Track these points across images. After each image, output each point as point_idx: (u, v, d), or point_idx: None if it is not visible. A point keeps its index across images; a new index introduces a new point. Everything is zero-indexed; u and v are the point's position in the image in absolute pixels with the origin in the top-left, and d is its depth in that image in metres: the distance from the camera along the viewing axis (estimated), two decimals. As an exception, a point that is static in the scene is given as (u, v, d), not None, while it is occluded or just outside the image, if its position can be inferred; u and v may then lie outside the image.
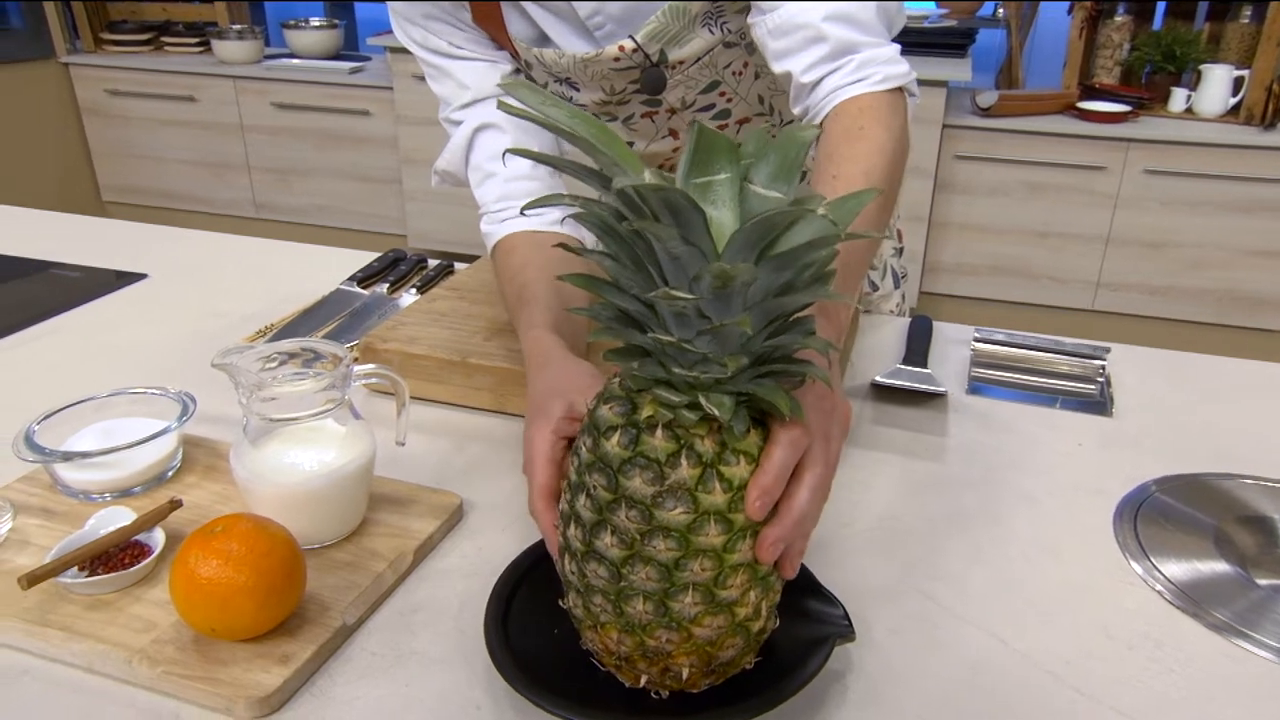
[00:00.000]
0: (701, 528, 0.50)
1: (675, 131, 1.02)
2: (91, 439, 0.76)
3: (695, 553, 0.50)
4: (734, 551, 0.51)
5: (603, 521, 0.51)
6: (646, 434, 0.50)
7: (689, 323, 0.47)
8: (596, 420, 0.52)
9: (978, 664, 0.61)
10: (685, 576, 0.50)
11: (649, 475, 0.50)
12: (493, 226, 0.94)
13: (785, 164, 0.49)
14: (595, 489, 0.51)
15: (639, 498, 0.50)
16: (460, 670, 0.60)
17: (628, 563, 0.51)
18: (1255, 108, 2.62)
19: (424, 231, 3.48)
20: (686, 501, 0.49)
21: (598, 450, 0.51)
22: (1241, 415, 0.92)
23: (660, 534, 0.50)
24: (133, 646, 0.59)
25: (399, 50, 3.21)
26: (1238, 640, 0.64)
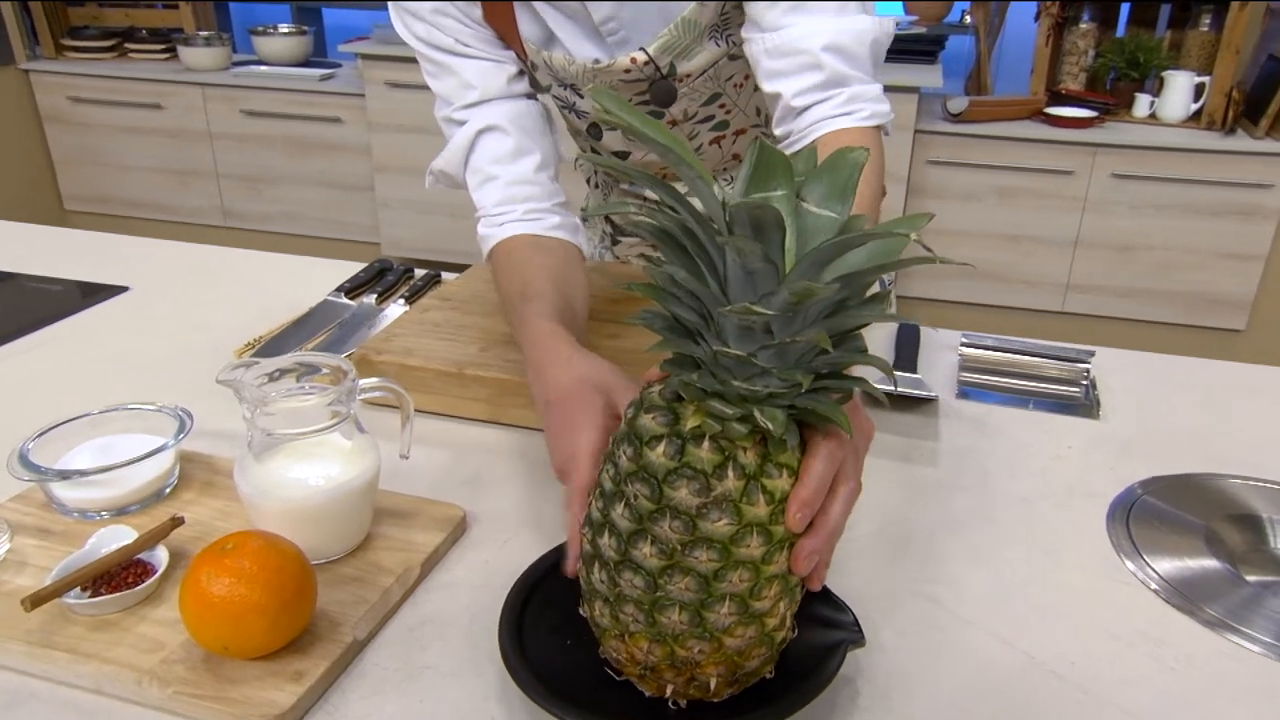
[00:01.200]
0: (744, 539, 0.50)
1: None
2: (88, 456, 0.75)
3: (735, 564, 0.51)
4: (771, 563, 0.51)
5: (642, 531, 0.51)
6: (692, 445, 0.50)
7: (753, 337, 0.48)
8: (639, 430, 0.52)
9: (984, 666, 0.62)
10: (723, 588, 0.51)
11: (695, 486, 0.50)
12: (491, 229, 0.93)
13: (838, 184, 0.49)
14: (637, 498, 0.51)
15: (684, 508, 0.50)
16: (474, 683, 0.60)
17: (665, 573, 0.51)
18: (1216, 113, 2.68)
19: (398, 239, 3.46)
20: (731, 513, 0.50)
21: (640, 460, 0.52)
22: (1225, 416, 0.94)
23: (703, 545, 0.50)
24: (142, 667, 0.58)
25: (371, 57, 3.20)
26: (1231, 636, 0.65)
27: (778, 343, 0.48)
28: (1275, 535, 0.76)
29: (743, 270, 0.47)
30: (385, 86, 3.23)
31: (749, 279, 0.47)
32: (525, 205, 0.93)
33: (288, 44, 3.66)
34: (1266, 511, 0.78)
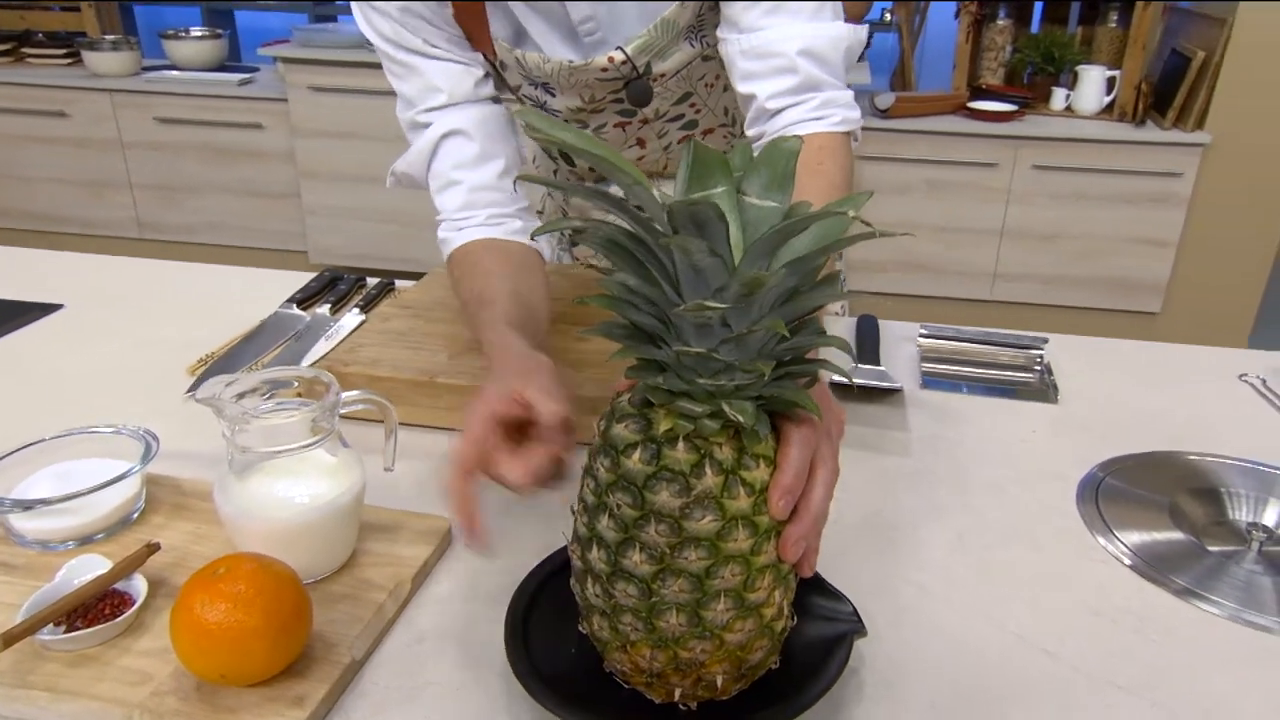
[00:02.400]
0: (730, 534, 0.50)
1: (643, 141, 1.03)
2: (46, 484, 0.71)
3: (725, 559, 0.51)
4: (760, 554, 0.52)
5: (630, 539, 0.51)
6: (667, 447, 0.50)
7: (712, 333, 0.48)
8: (613, 439, 0.52)
9: (978, 649, 0.64)
10: (716, 584, 0.51)
11: (675, 488, 0.50)
12: (451, 234, 0.93)
13: (776, 175, 0.50)
14: (620, 508, 0.51)
15: (667, 511, 0.50)
16: (478, 696, 0.59)
17: (658, 577, 0.51)
18: (1127, 106, 2.80)
19: (326, 247, 3.38)
20: (714, 510, 0.50)
21: (619, 469, 0.51)
22: (1174, 396, 0.98)
23: (691, 544, 0.50)
24: (130, 701, 0.56)
25: (293, 60, 3.12)
26: (1201, 605, 0.68)
27: (736, 335, 0.48)
28: (1234, 507, 0.79)
29: (692, 269, 0.46)
30: (309, 91, 3.16)
31: (699, 277, 0.47)
32: (488, 211, 0.92)
33: (201, 48, 3.54)
34: (1223, 485, 0.81)
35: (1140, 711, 0.59)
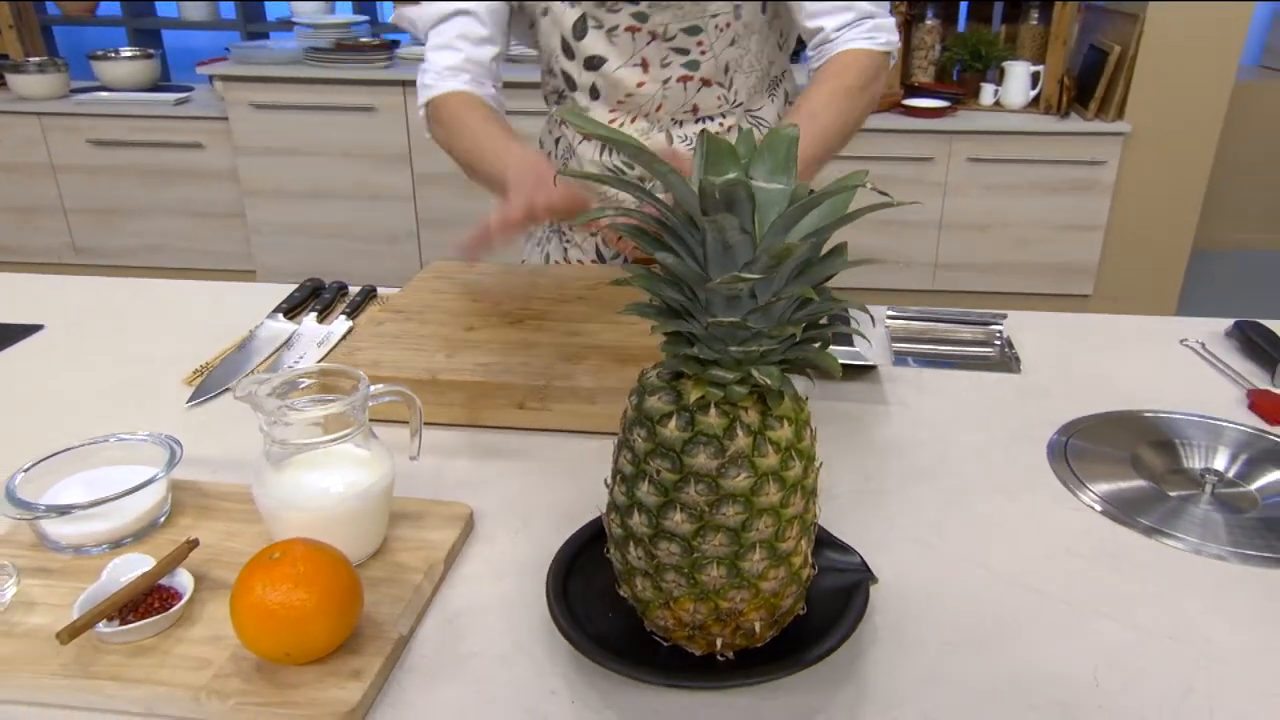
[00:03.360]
0: (762, 489, 0.55)
1: (646, 63, 1.11)
2: (77, 491, 0.73)
3: (759, 512, 0.56)
4: (788, 506, 0.57)
5: (670, 501, 0.56)
6: (700, 414, 0.55)
7: (740, 304, 0.53)
8: (648, 411, 0.57)
9: (976, 592, 0.70)
10: (752, 536, 0.56)
11: (711, 450, 0.55)
12: (435, 81, 1.12)
13: (779, 160, 0.55)
14: (660, 473, 0.56)
15: (705, 472, 0.55)
16: (522, 663, 0.63)
17: (698, 534, 0.56)
18: (1051, 99, 2.93)
19: (274, 265, 3.36)
20: (747, 468, 0.55)
21: (656, 438, 0.56)
22: (1122, 362, 1.06)
23: (728, 500, 0.55)
24: (194, 685, 0.59)
25: (232, 78, 3.09)
26: (1167, 541, 0.75)
27: (763, 305, 0.53)
28: (1187, 456, 0.87)
29: (722, 245, 0.51)
30: (250, 108, 3.14)
31: (727, 253, 0.52)
32: (471, 76, 1.12)
33: (133, 68, 3.49)
34: (1177, 437, 0.89)
35: (1123, 634, 0.65)
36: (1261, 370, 1.03)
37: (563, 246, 1.31)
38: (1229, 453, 0.86)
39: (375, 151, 3.14)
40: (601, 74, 1.13)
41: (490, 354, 0.95)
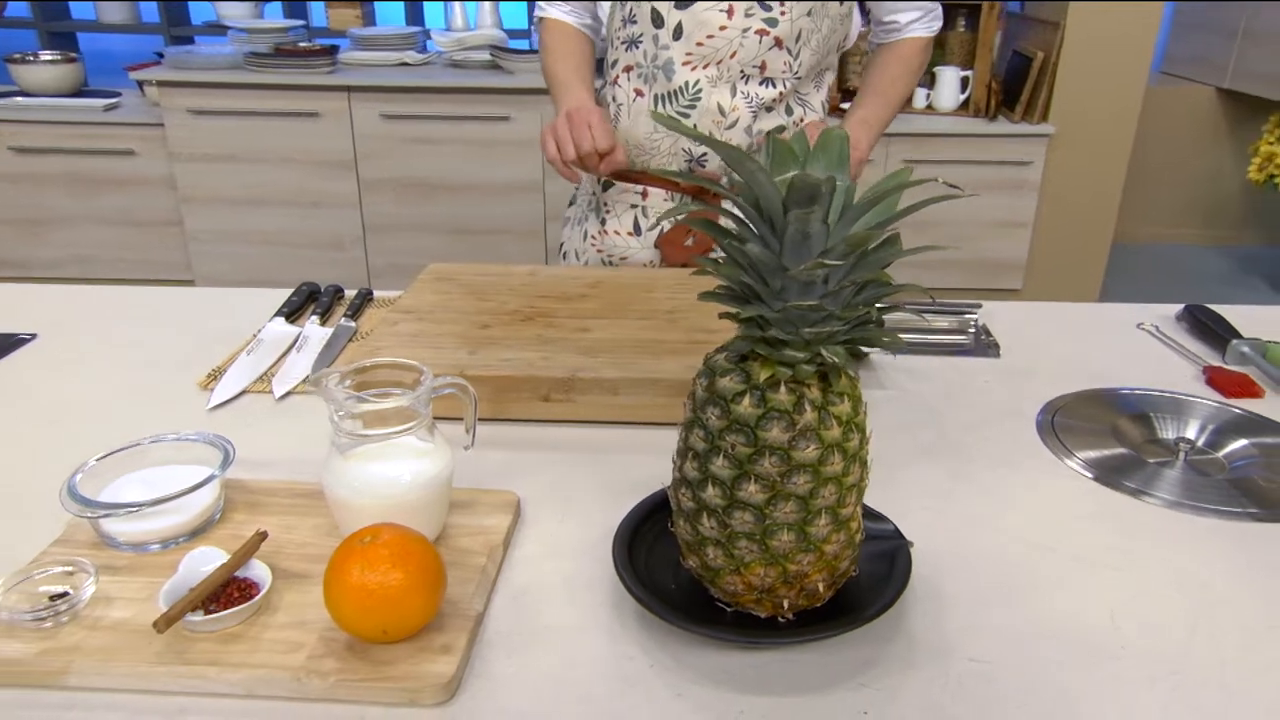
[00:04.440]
0: (828, 459, 0.61)
1: (732, 10, 1.21)
2: (134, 489, 0.74)
3: (824, 480, 0.61)
4: (849, 474, 0.62)
5: (744, 474, 0.61)
6: (770, 392, 0.60)
7: (814, 289, 0.58)
8: (722, 391, 0.62)
9: (995, 552, 0.76)
10: (818, 503, 0.61)
11: (783, 424, 0.60)
12: (548, 4, 1.38)
13: (833, 158, 0.61)
14: (734, 447, 0.61)
15: (777, 444, 0.60)
16: (594, 633, 0.67)
17: (770, 502, 0.61)
18: (980, 102, 3.08)
19: (213, 274, 3.29)
20: (815, 440, 0.60)
21: (730, 415, 0.61)
22: (1092, 344, 1.15)
23: (798, 471, 0.60)
24: (291, 666, 0.61)
25: (170, 84, 3.03)
26: (1149, 500, 0.83)
27: (834, 289, 0.58)
28: (1161, 428, 0.95)
29: (801, 235, 0.57)
30: (187, 114, 3.08)
31: (805, 242, 0.57)
32: (572, 7, 1.36)
33: (56, 73, 3.38)
34: (1151, 410, 0.98)
35: (1129, 583, 0.73)
36: (1212, 350, 1.13)
37: (600, 219, 1.38)
38: (1198, 424, 0.95)
39: (319, 158, 3.12)
40: (690, 12, 1.22)
41: (511, 350, 0.99)
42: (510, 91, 2.99)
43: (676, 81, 1.25)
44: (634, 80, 1.29)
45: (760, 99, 1.25)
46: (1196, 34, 4.01)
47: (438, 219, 3.17)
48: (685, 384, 0.93)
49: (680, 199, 1.33)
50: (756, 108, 1.25)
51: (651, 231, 1.35)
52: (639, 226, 1.35)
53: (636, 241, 1.36)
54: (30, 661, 0.61)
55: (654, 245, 1.35)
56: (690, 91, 1.25)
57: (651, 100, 1.27)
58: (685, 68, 1.24)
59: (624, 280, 1.19)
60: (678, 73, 1.24)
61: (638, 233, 1.36)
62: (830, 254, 0.56)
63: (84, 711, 0.60)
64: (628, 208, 1.36)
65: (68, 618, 0.65)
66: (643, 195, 1.34)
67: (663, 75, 1.25)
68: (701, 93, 1.24)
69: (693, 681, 0.63)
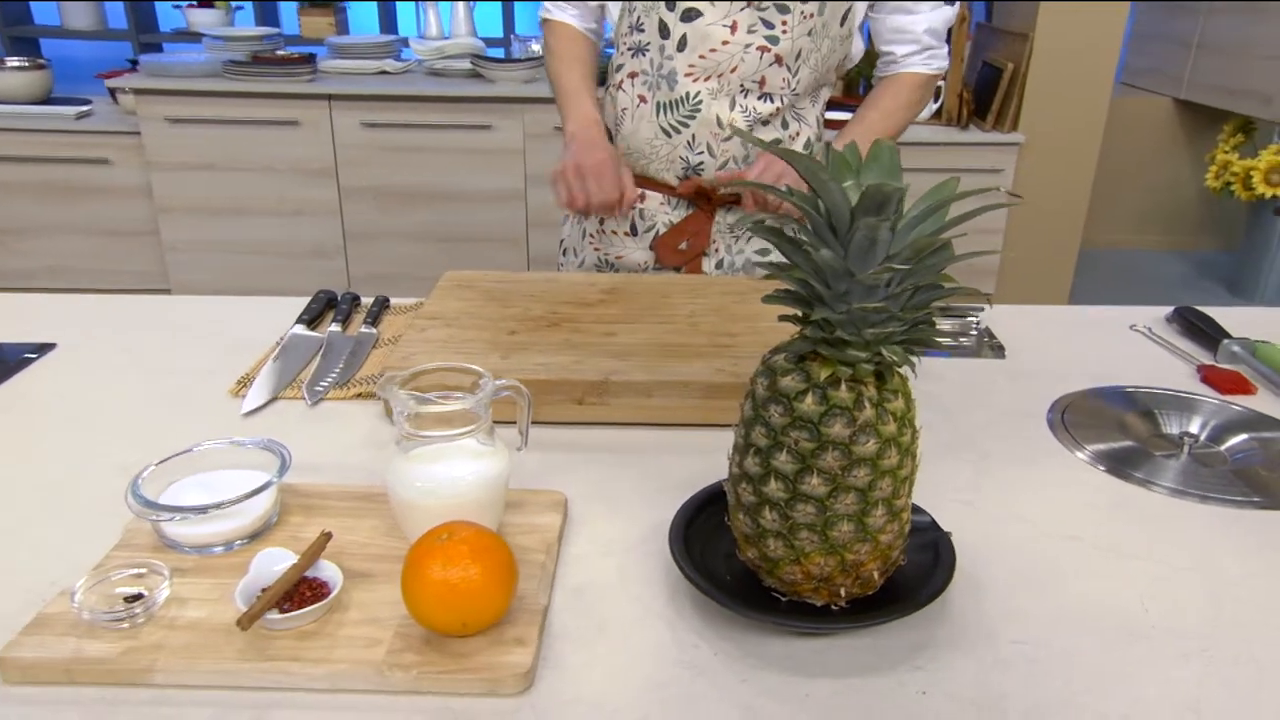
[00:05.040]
0: (885, 453, 0.64)
1: (736, 26, 1.24)
2: (195, 493, 0.76)
3: (881, 473, 0.65)
4: (903, 468, 0.66)
5: (807, 468, 0.64)
6: (831, 390, 0.64)
7: (877, 292, 0.62)
8: (784, 390, 0.65)
9: (1022, 541, 0.80)
10: (876, 495, 0.65)
11: (844, 420, 0.63)
12: (552, 4, 1.40)
13: (884, 169, 0.64)
14: (798, 443, 0.64)
15: (840, 440, 0.63)
16: (655, 624, 0.70)
17: (832, 495, 0.64)
18: (953, 111, 3.15)
19: (191, 283, 3.26)
20: (874, 435, 0.64)
21: (793, 413, 0.64)
22: (1090, 346, 1.20)
23: (858, 464, 0.64)
24: (373, 660, 0.63)
25: (147, 91, 3.00)
26: (1155, 490, 0.88)
27: (896, 292, 0.62)
28: (1166, 423, 1.00)
29: (868, 241, 0.60)
30: (165, 123, 3.05)
31: (872, 248, 0.61)
32: (579, 12, 1.40)
33: (24, 80, 3.33)
34: (1155, 407, 1.03)
35: (1152, 569, 0.77)
36: (1203, 349, 1.19)
37: (599, 219, 1.41)
38: (1200, 420, 1.00)
39: (299, 166, 3.11)
40: (694, 26, 1.25)
41: (542, 354, 1.01)
42: (492, 100, 3.00)
43: (679, 91, 1.28)
44: (638, 87, 1.32)
45: (757, 113, 1.29)
46: (1153, 45, 4.15)
47: (419, 227, 3.18)
48: (715, 386, 0.96)
49: (679, 203, 1.36)
50: (753, 121, 1.29)
51: (648, 234, 1.38)
52: (635, 228, 1.39)
53: (633, 242, 1.39)
54: (116, 660, 0.63)
55: (649, 247, 1.39)
56: (691, 102, 1.28)
57: (654, 108, 1.31)
58: (688, 79, 1.27)
59: (639, 286, 1.22)
60: (680, 83, 1.28)
61: (634, 233, 1.39)
62: (896, 259, 0.60)
63: (174, 708, 0.61)
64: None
65: (144, 618, 0.66)
66: (640, 198, 1.37)
67: (666, 84, 1.29)
68: (702, 104, 1.28)
69: (756, 668, 0.66)
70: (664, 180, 1.36)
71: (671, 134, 1.31)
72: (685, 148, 1.31)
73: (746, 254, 1.38)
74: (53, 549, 0.76)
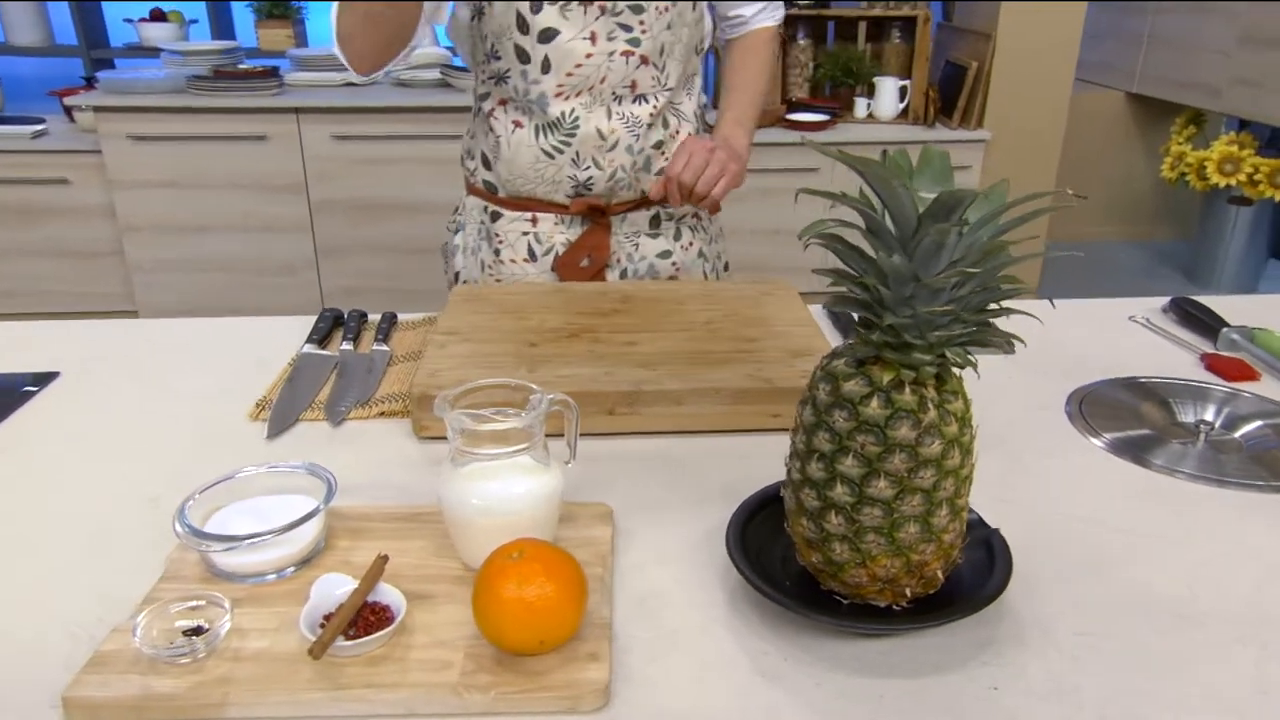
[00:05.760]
0: (948, 454, 0.65)
1: (595, 36, 1.22)
2: (241, 521, 0.74)
3: (945, 473, 0.66)
4: (964, 468, 0.67)
5: (873, 471, 0.65)
6: (895, 393, 0.65)
7: (943, 294, 0.63)
8: (848, 395, 0.65)
9: (1063, 533, 0.82)
10: (940, 495, 0.66)
11: (910, 423, 0.64)
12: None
13: (935, 173, 0.66)
14: (864, 447, 0.65)
15: (906, 442, 0.64)
16: (720, 633, 0.70)
17: (899, 497, 0.65)
18: (919, 110, 3.20)
19: (158, 304, 3.20)
20: (937, 436, 0.65)
21: (859, 417, 0.65)
22: (1094, 338, 1.23)
23: (924, 466, 0.65)
24: (447, 683, 0.63)
25: (108, 109, 2.94)
26: (1174, 478, 0.90)
27: (963, 294, 0.63)
28: (1179, 411, 1.03)
29: (936, 246, 0.61)
30: (128, 141, 2.99)
31: (939, 252, 0.62)
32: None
33: (-26, 100, 3.25)
34: (1169, 396, 1.05)
35: (1192, 555, 0.79)
36: (1202, 338, 1.22)
37: (494, 249, 1.37)
38: (1214, 408, 1.03)
39: (267, 181, 3.06)
40: (554, 45, 1.22)
41: (568, 366, 1.01)
42: (463, 110, 2.97)
43: (553, 113, 1.26)
44: (511, 113, 1.30)
45: (635, 117, 1.28)
46: (1106, 42, 4.25)
47: (393, 240, 3.15)
48: (744, 391, 0.97)
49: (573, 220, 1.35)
50: (633, 126, 1.28)
51: (546, 256, 1.36)
52: (534, 252, 1.36)
53: (533, 267, 1.36)
54: (185, 696, 0.61)
55: (551, 269, 1.37)
56: (568, 121, 1.26)
57: (532, 131, 1.28)
58: (559, 99, 1.25)
59: (651, 294, 1.22)
60: (552, 105, 1.25)
61: (533, 258, 1.36)
62: (963, 262, 0.61)
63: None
64: (519, 235, 1.36)
65: (205, 652, 0.65)
66: (532, 222, 1.35)
67: (538, 108, 1.26)
68: (579, 120, 1.26)
69: (828, 671, 0.66)
70: (553, 200, 1.33)
71: (555, 155, 1.29)
72: (571, 165, 1.29)
73: (649, 258, 1.38)
74: (94, 586, 0.75)
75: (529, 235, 1.35)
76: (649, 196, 1.33)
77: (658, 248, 1.39)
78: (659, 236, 1.39)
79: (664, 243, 1.39)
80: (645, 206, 1.37)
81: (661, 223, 1.39)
